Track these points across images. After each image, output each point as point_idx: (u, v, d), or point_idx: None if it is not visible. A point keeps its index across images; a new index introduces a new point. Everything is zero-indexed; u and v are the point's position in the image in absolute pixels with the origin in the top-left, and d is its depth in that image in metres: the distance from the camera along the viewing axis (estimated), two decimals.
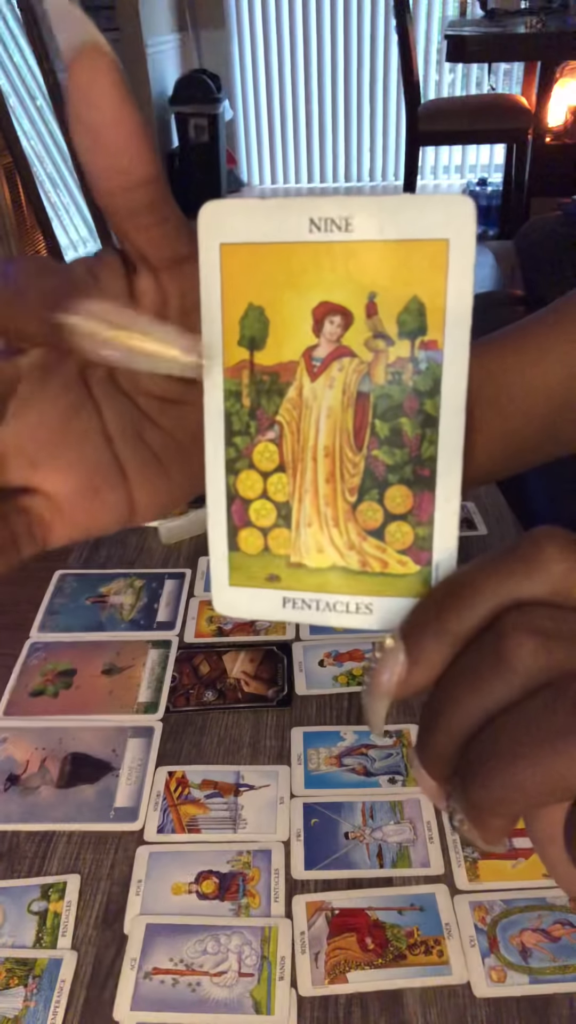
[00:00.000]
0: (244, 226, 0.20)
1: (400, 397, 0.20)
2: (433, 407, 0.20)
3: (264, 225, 0.20)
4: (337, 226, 0.20)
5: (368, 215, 0.20)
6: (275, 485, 0.22)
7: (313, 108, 5.21)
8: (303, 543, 0.22)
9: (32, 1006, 0.49)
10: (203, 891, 0.55)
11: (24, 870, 0.58)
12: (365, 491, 0.21)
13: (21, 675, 0.75)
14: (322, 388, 0.21)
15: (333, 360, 0.21)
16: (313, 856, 0.57)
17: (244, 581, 0.23)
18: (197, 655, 0.76)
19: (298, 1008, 0.49)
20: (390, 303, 0.20)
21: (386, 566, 0.21)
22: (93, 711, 0.71)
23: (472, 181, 4.48)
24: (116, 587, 0.86)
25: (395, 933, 0.52)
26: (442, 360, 0.20)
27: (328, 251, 0.20)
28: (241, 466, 0.22)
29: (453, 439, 0.20)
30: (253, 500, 0.22)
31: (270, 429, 0.22)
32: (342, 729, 0.67)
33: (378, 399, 0.21)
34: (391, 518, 0.21)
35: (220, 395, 0.22)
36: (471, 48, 3.16)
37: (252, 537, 0.22)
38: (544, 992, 0.49)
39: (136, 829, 0.60)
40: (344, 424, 0.21)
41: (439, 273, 0.19)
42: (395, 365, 0.20)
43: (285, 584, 0.22)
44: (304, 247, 0.20)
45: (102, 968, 0.51)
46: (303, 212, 0.20)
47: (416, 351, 0.20)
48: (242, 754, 0.66)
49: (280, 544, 0.22)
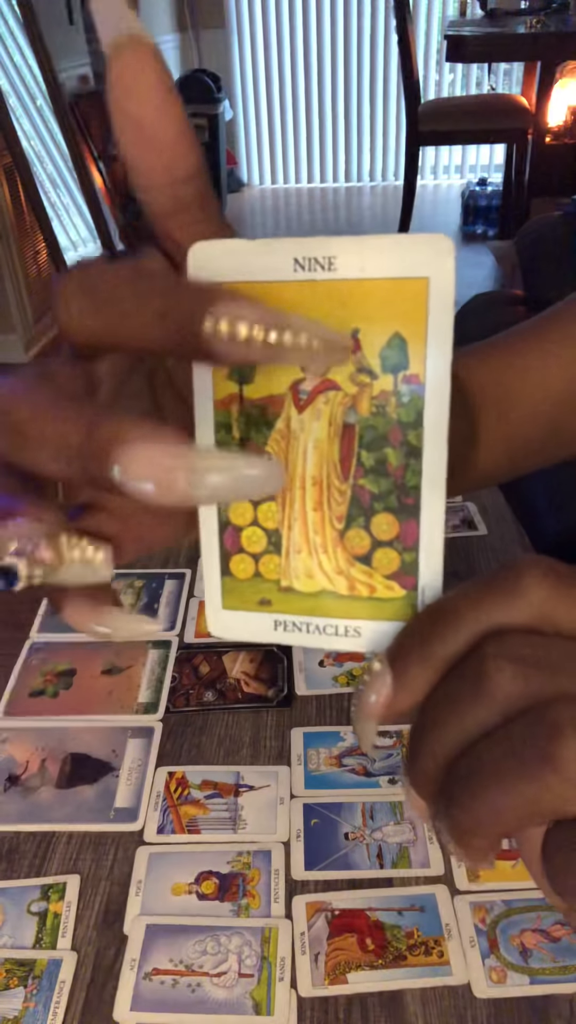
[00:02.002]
0: (231, 266, 0.21)
1: (384, 428, 0.21)
2: (416, 438, 0.21)
3: (250, 265, 0.21)
4: (321, 265, 0.20)
5: (350, 255, 0.20)
6: (265, 513, 0.23)
7: (313, 108, 5.21)
8: (293, 569, 0.23)
9: (32, 1007, 0.49)
10: (203, 892, 0.55)
11: (24, 870, 0.58)
12: (352, 519, 0.22)
13: (21, 675, 0.75)
14: (309, 420, 0.22)
15: (319, 393, 0.21)
16: (313, 857, 0.57)
17: (237, 604, 0.24)
18: (197, 655, 0.76)
19: (298, 1009, 0.49)
20: (373, 339, 0.21)
21: (374, 591, 0.22)
22: (93, 711, 0.71)
23: (472, 181, 4.47)
24: (116, 587, 0.86)
25: (395, 934, 0.52)
26: (424, 393, 0.21)
27: (312, 289, 0.21)
28: None
29: (436, 468, 0.21)
30: (244, 527, 0.23)
31: None
32: (342, 729, 0.67)
33: (363, 430, 0.21)
34: (378, 544, 0.22)
35: (211, 427, 0.22)
36: (471, 48, 3.16)
37: (243, 563, 0.23)
38: (544, 992, 0.49)
39: (136, 830, 0.60)
40: (331, 454, 0.22)
41: (420, 310, 0.20)
42: (379, 398, 0.21)
43: (276, 608, 0.23)
44: (289, 285, 0.21)
45: (102, 969, 0.51)
46: (288, 252, 0.21)
47: (399, 385, 0.21)
48: (242, 754, 0.66)
49: (271, 569, 0.23)
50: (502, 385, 0.42)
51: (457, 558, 0.88)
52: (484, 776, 0.18)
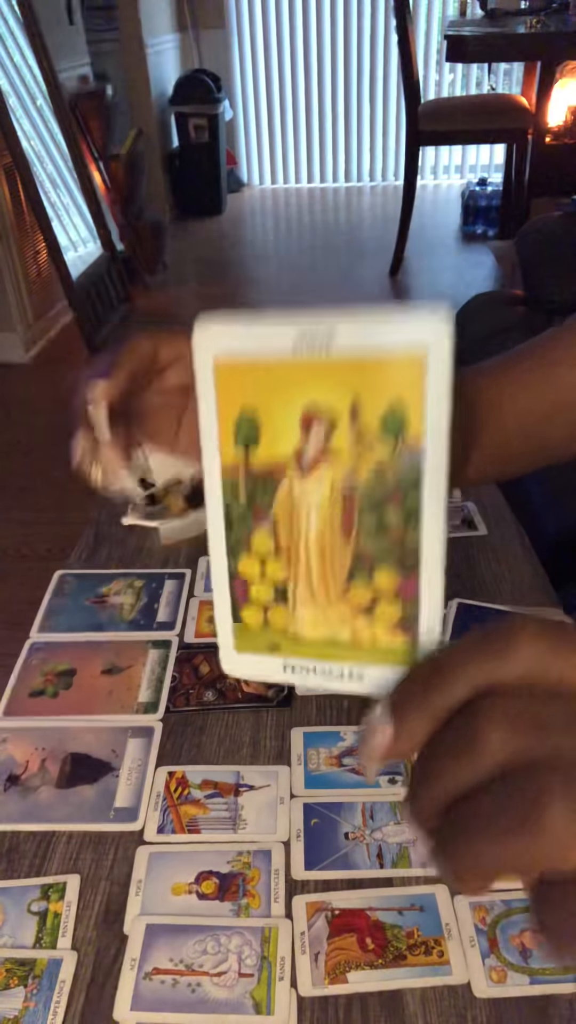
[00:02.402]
0: (234, 344, 0.22)
1: (384, 492, 0.22)
2: (415, 500, 0.21)
3: (252, 343, 0.22)
4: (320, 341, 0.21)
5: (349, 330, 0.21)
6: (272, 568, 0.24)
7: (313, 108, 5.21)
8: (300, 619, 0.24)
9: (32, 1006, 0.49)
10: (203, 891, 0.55)
11: (24, 870, 0.58)
12: (354, 575, 0.23)
13: (21, 675, 0.75)
14: (312, 484, 0.23)
15: (321, 459, 0.22)
16: (313, 856, 0.57)
17: (248, 648, 0.25)
18: (197, 655, 0.76)
19: (298, 1008, 0.49)
20: (372, 407, 0.21)
21: (376, 640, 0.23)
22: (93, 711, 0.71)
23: (472, 181, 4.47)
24: (116, 587, 0.86)
25: (395, 933, 0.52)
26: (423, 458, 0.21)
27: (312, 363, 0.21)
28: (241, 550, 0.24)
29: (435, 528, 0.21)
30: (253, 581, 0.24)
31: (265, 519, 0.24)
32: (342, 729, 0.67)
33: (363, 495, 0.22)
34: (379, 597, 0.23)
35: (219, 490, 0.24)
36: (471, 48, 3.16)
37: (254, 613, 0.25)
38: (544, 992, 0.49)
39: (136, 829, 0.60)
40: (332, 518, 0.23)
41: (418, 380, 0.20)
42: (379, 464, 0.22)
43: (285, 652, 0.25)
44: (290, 361, 0.22)
45: (102, 968, 0.51)
46: (288, 330, 0.22)
47: (398, 450, 0.21)
48: (242, 754, 0.66)
49: (279, 619, 0.24)
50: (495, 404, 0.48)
51: (457, 558, 0.88)
52: (475, 828, 0.19)
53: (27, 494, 2.29)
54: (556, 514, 1.21)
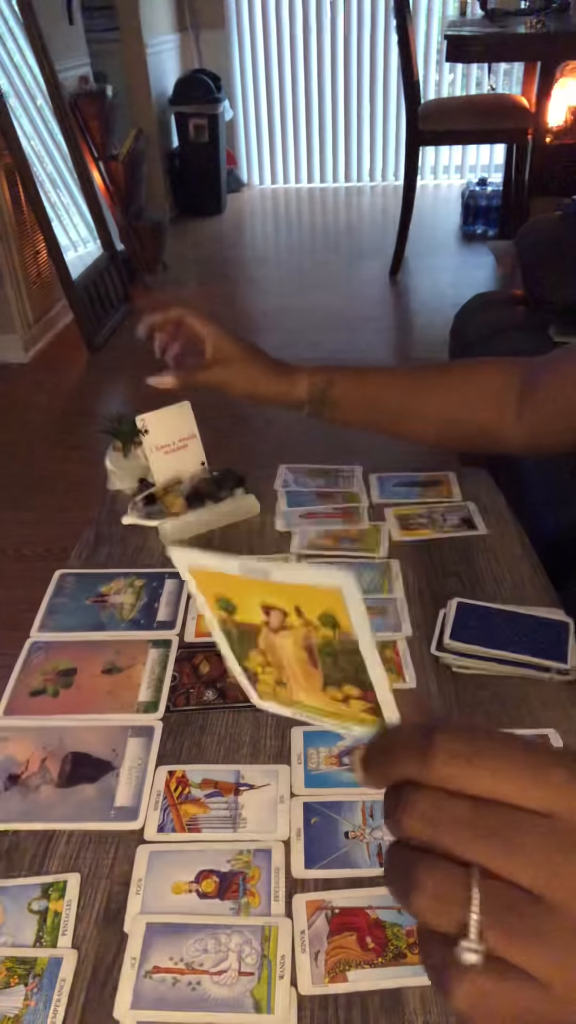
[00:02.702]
0: (198, 561, 0.30)
1: (333, 650, 0.30)
2: (357, 654, 0.29)
3: (209, 563, 0.30)
4: (259, 573, 0.29)
5: (279, 573, 0.29)
6: (268, 672, 0.33)
7: (313, 108, 5.21)
8: (297, 698, 0.33)
9: (32, 1005, 0.49)
10: (203, 890, 0.55)
11: (24, 869, 0.58)
12: (328, 684, 0.31)
13: (21, 675, 0.75)
14: (280, 639, 0.31)
15: (282, 628, 0.30)
16: (313, 855, 0.57)
17: (268, 699, 0.34)
18: (197, 654, 0.76)
19: (298, 1007, 0.49)
20: (310, 610, 0.29)
21: (354, 716, 0.31)
22: (93, 711, 0.71)
23: (472, 181, 4.47)
24: (116, 587, 0.86)
25: (395, 932, 0.52)
26: (355, 638, 0.28)
27: (253, 582, 0.29)
28: (244, 659, 0.33)
29: (376, 668, 0.29)
30: (258, 674, 0.33)
31: (255, 648, 0.32)
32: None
33: (319, 650, 0.30)
34: (349, 698, 0.31)
35: (219, 630, 0.33)
36: (471, 48, 3.16)
37: (265, 689, 0.34)
38: None
39: (136, 828, 0.60)
40: (301, 658, 0.31)
41: (339, 602, 0.28)
42: (324, 637, 0.29)
43: (295, 708, 0.34)
44: (240, 577, 0.30)
45: (102, 967, 0.51)
46: (232, 563, 0.29)
47: (336, 634, 0.29)
48: (242, 753, 0.66)
49: (284, 694, 0.33)
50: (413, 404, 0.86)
51: (457, 558, 0.88)
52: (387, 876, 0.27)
53: (27, 494, 2.29)
54: (556, 514, 1.21)
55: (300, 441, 1.96)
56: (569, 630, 0.73)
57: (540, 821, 0.25)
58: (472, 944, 0.24)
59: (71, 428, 2.65)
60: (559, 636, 0.73)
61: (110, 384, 2.98)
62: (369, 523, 0.94)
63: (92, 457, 1.19)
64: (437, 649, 0.73)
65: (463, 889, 0.25)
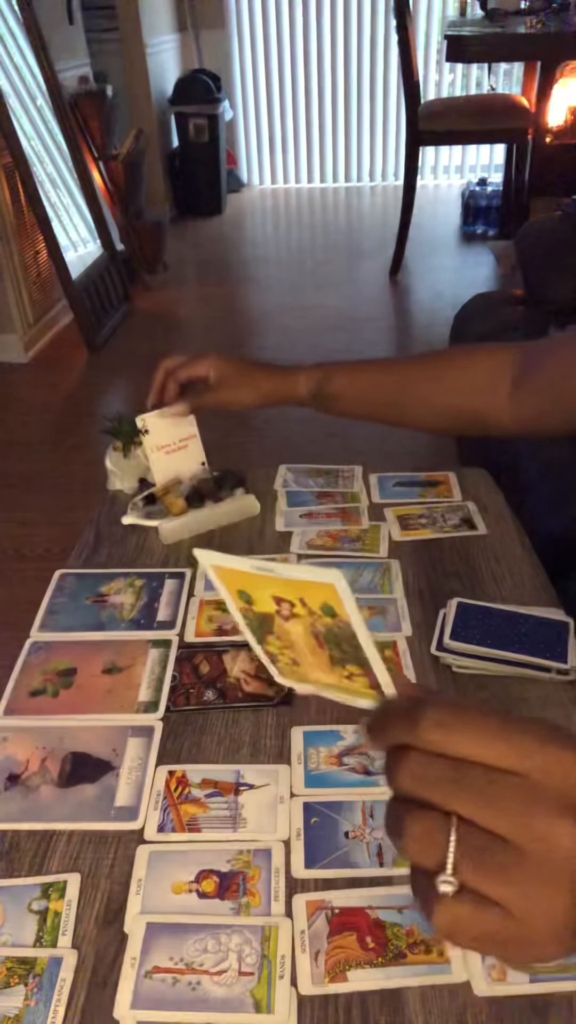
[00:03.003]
0: (218, 561, 0.36)
1: (335, 636, 0.35)
2: (355, 640, 0.34)
3: (227, 563, 0.36)
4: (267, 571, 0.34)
5: (283, 571, 0.34)
6: (285, 654, 0.39)
7: (313, 108, 5.21)
8: (312, 676, 0.39)
9: (32, 1005, 0.49)
10: (203, 890, 0.55)
11: (24, 869, 0.58)
12: (334, 664, 0.36)
13: (21, 675, 0.75)
14: (291, 626, 0.36)
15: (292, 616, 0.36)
16: (313, 855, 0.57)
17: (287, 677, 0.40)
18: (197, 654, 0.76)
19: (298, 1007, 0.49)
20: (312, 602, 0.34)
21: (359, 691, 0.37)
22: (93, 710, 0.71)
23: (472, 181, 4.47)
24: (116, 587, 0.86)
25: (395, 932, 0.52)
26: (351, 626, 0.33)
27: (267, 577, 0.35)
28: (263, 642, 0.39)
29: (372, 652, 0.34)
30: (276, 655, 0.39)
31: (271, 634, 0.38)
32: (342, 728, 0.67)
33: (324, 635, 0.35)
34: (353, 675, 0.36)
35: (240, 617, 0.38)
36: (471, 48, 3.16)
37: (284, 667, 0.40)
38: (544, 991, 0.49)
39: (136, 828, 0.60)
40: (309, 642, 0.37)
41: (335, 595, 0.33)
42: (327, 624, 0.35)
43: (309, 683, 0.39)
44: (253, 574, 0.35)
45: (102, 967, 0.51)
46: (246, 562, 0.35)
47: (336, 621, 0.34)
48: (242, 753, 0.66)
49: (300, 672, 0.39)
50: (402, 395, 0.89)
51: (457, 558, 0.88)
52: (386, 818, 0.32)
53: (27, 494, 2.29)
54: (556, 514, 1.21)
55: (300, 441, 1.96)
56: (569, 630, 0.73)
57: (512, 779, 0.29)
58: (448, 877, 0.29)
59: (71, 428, 2.65)
60: (559, 636, 0.73)
61: (110, 384, 2.98)
62: (369, 523, 0.94)
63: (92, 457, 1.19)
64: (437, 649, 0.73)
65: (443, 834, 0.29)
